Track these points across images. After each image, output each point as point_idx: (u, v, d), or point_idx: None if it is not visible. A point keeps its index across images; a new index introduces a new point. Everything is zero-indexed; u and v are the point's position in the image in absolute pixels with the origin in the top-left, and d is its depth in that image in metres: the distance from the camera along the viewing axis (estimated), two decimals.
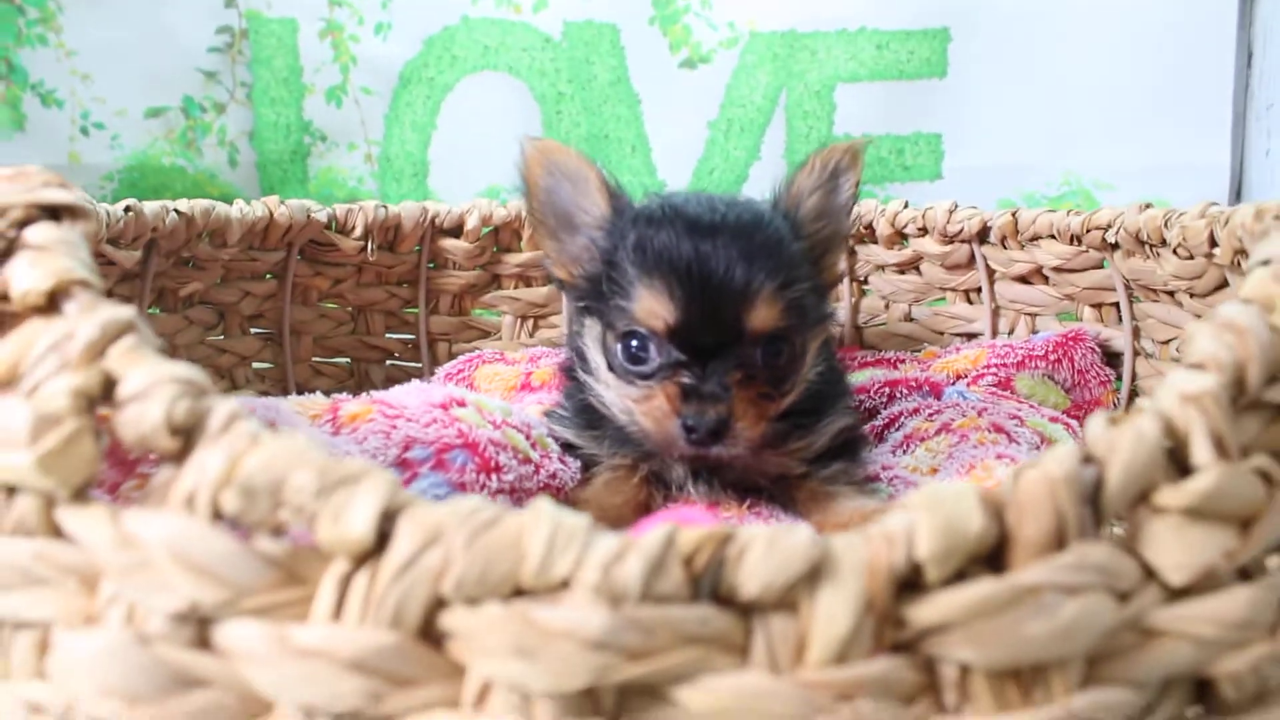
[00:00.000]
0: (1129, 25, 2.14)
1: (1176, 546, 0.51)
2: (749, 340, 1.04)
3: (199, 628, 0.50)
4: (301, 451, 0.51)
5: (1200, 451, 0.52)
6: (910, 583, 0.49)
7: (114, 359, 0.55)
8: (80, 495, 0.53)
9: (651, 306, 1.03)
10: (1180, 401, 0.53)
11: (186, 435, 0.53)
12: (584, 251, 1.16)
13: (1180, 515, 0.51)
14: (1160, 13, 2.12)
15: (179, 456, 0.53)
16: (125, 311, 0.57)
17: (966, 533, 0.49)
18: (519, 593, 0.48)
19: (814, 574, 0.48)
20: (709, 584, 0.48)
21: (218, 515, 0.51)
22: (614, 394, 1.10)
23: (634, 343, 1.06)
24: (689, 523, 0.50)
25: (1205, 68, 2.13)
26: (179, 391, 0.53)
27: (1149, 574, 0.51)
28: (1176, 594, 0.51)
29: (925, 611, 0.48)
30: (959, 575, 0.49)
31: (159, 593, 0.50)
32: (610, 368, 1.10)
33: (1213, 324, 0.58)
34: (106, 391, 0.54)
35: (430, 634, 0.48)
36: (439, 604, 0.48)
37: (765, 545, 0.48)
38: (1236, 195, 2.15)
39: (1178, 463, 0.52)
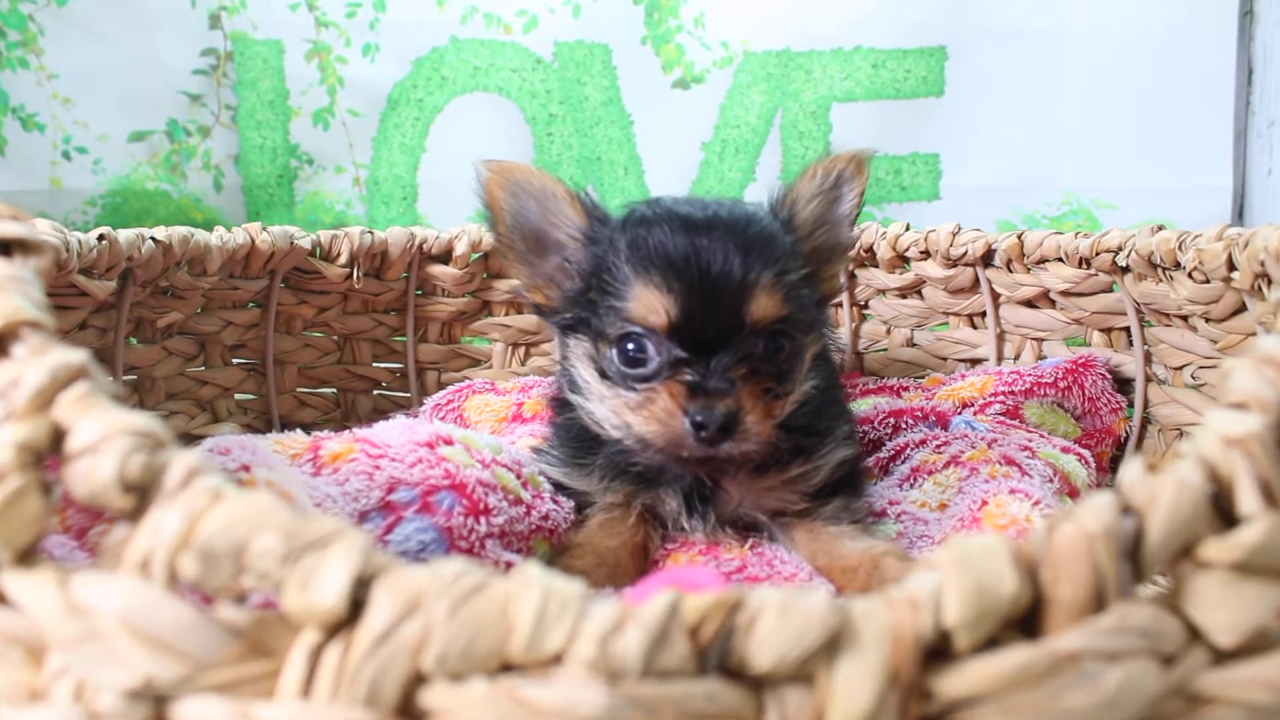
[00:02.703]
0: (1128, 43, 2.13)
1: (1224, 604, 0.47)
2: (750, 332, 1.01)
3: (155, 705, 0.47)
4: (267, 511, 0.47)
5: (1247, 500, 0.48)
6: (937, 650, 0.45)
7: (64, 408, 0.51)
8: (25, 558, 0.50)
9: (650, 302, 1.00)
10: (1223, 445, 0.50)
11: (142, 492, 0.49)
12: (559, 271, 1.13)
13: (1227, 570, 0.48)
14: (1160, 31, 2.11)
15: (134, 515, 0.49)
16: (77, 355, 0.53)
17: (999, 595, 0.45)
18: (507, 668, 0.45)
19: (833, 643, 0.45)
20: (717, 656, 0.45)
21: (175, 581, 0.47)
22: (609, 406, 1.06)
23: (630, 345, 1.03)
24: (693, 586, 0.46)
25: (1205, 86, 2.12)
26: (133, 444, 0.49)
27: (1194, 635, 0.48)
28: (1225, 656, 0.48)
29: (955, 682, 0.45)
30: (990, 641, 0.46)
31: (111, 666, 0.46)
32: (605, 377, 1.06)
33: (1252, 359, 0.54)
34: (55, 443, 0.50)
35: (409, 712, 0.45)
36: (418, 680, 0.45)
37: (778, 612, 0.45)
38: (1239, 215, 2.14)
39: (1221, 512, 0.49)
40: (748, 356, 1.00)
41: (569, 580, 0.46)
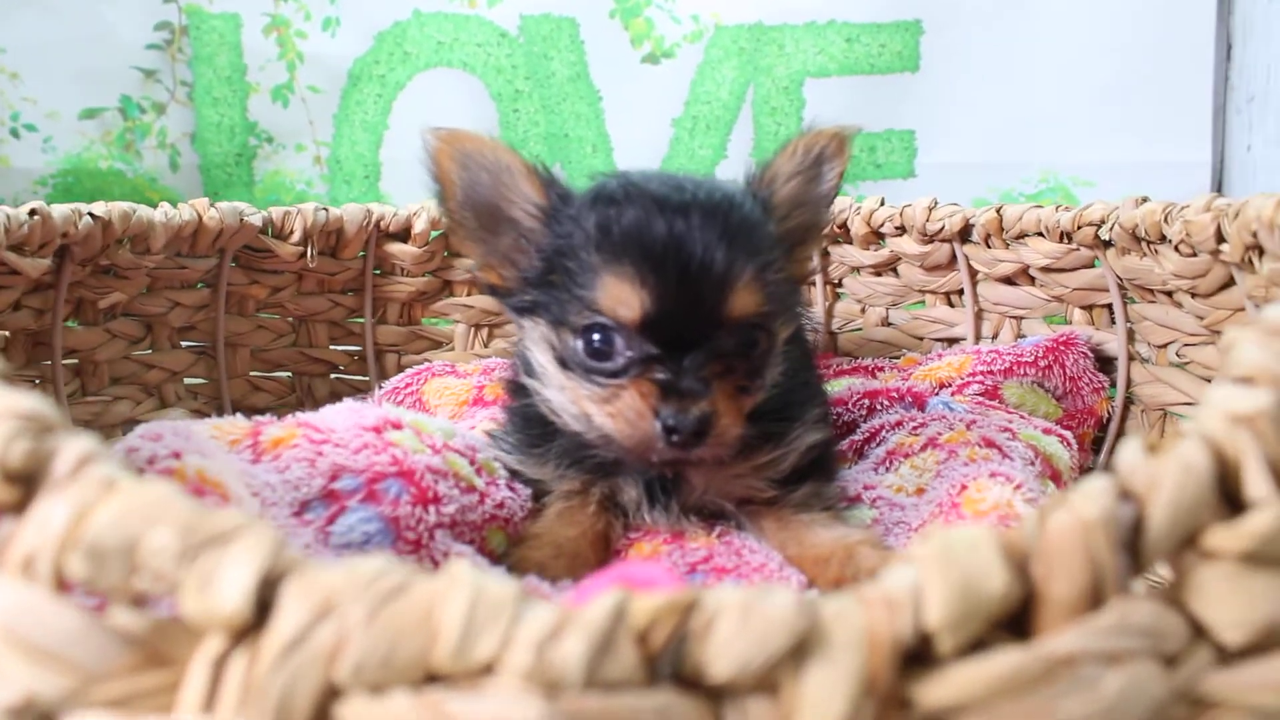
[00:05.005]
0: (1106, 18, 2.10)
1: (1231, 599, 0.44)
2: (727, 329, 0.95)
3: None
4: (163, 502, 0.42)
5: (1256, 484, 0.45)
6: (917, 655, 0.42)
7: None
8: None
9: (620, 294, 0.93)
10: (1229, 424, 0.46)
11: (27, 483, 0.44)
12: (513, 249, 1.06)
13: (1235, 561, 0.44)
14: (1138, 6, 2.08)
15: (18, 508, 0.44)
16: None
17: (986, 593, 0.42)
18: (432, 679, 0.41)
19: (800, 649, 0.40)
20: (669, 664, 0.40)
21: (63, 584, 0.43)
22: (568, 396, 1.00)
23: (596, 336, 0.96)
24: (645, 584, 0.41)
25: (1184, 61, 2.09)
26: (17, 428, 0.44)
27: (1199, 632, 0.44)
28: (1232, 656, 0.44)
29: (937, 690, 0.41)
30: (976, 644, 0.42)
31: None
32: (565, 366, 0.99)
33: (1258, 330, 0.50)
34: None
35: None
36: (333, 692, 0.41)
37: (739, 615, 0.41)
38: (1217, 190, 2.12)
39: (1227, 497, 0.45)
40: (722, 354, 0.94)
41: (502, 580, 0.41)
